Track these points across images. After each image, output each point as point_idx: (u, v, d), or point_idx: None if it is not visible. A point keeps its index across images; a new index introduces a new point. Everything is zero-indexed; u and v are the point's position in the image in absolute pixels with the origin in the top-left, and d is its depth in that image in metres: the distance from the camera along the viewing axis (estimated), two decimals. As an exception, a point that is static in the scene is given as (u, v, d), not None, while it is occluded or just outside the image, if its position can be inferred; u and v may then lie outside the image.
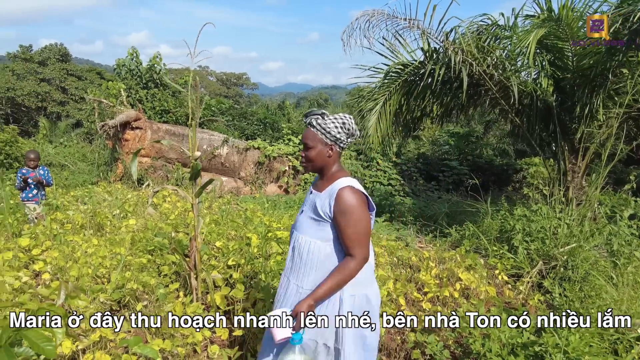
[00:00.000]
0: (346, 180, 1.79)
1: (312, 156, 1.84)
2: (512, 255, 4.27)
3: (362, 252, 1.74)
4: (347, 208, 1.73)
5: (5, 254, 3.45)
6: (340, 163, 1.90)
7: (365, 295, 1.83)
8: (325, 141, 1.83)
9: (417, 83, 6.12)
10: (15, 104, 22.93)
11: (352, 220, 1.72)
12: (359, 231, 1.73)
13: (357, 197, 1.75)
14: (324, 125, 1.81)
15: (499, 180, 12.21)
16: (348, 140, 1.87)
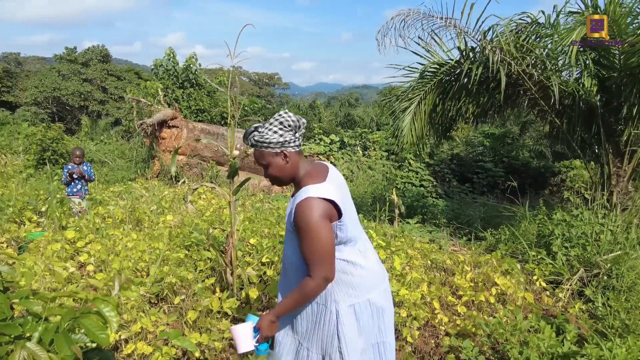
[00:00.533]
0: (307, 190, 1.62)
1: (273, 173, 1.72)
2: (550, 261, 4.13)
3: (320, 271, 1.58)
4: (303, 225, 1.57)
5: (54, 245, 3.64)
6: (305, 162, 1.74)
7: (368, 301, 1.72)
8: (274, 152, 1.68)
9: (453, 83, 6.02)
10: (60, 103, 24.09)
11: (308, 238, 1.57)
12: (316, 249, 1.57)
13: (315, 211, 1.56)
14: (263, 138, 1.66)
15: (536, 183, 11.80)
16: (297, 136, 1.69)
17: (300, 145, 1.72)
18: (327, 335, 1.69)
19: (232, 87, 3.18)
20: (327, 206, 1.59)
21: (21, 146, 11.83)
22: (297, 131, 1.69)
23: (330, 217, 1.60)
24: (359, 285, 1.70)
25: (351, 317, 1.68)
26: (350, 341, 1.66)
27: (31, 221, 5.02)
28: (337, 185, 1.71)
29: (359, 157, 10.91)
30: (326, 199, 1.59)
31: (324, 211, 1.58)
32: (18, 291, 1.45)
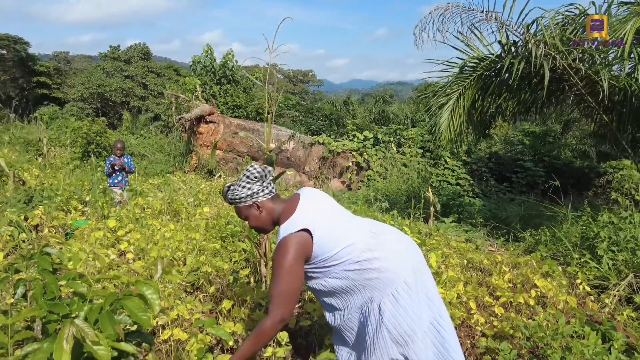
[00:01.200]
0: (279, 232, 1.73)
1: (254, 225, 1.85)
2: (595, 265, 3.93)
3: (278, 312, 1.64)
4: (275, 265, 1.67)
5: (97, 233, 3.80)
6: (279, 204, 1.83)
7: (404, 282, 1.71)
8: (247, 205, 1.80)
9: (493, 78, 5.83)
10: (104, 99, 25.14)
11: (276, 278, 1.66)
12: (280, 291, 1.65)
13: (288, 253, 1.65)
14: (235, 195, 1.81)
15: (579, 184, 11.26)
16: (265, 184, 1.81)
17: (272, 192, 1.83)
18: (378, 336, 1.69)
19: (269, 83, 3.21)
20: (298, 239, 1.66)
21: (68, 139, 12.44)
22: (264, 180, 1.81)
23: (305, 250, 1.68)
24: (388, 274, 1.70)
25: (392, 306, 1.68)
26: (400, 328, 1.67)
27: (76, 210, 5.26)
28: (310, 207, 1.76)
29: (393, 154, 10.76)
30: (295, 232, 1.66)
31: (296, 249, 1.65)
32: (65, 273, 1.52)
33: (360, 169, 10.60)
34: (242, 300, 2.77)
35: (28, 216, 4.61)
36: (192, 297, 2.79)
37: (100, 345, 1.06)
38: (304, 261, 1.69)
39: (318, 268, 1.74)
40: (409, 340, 1.68)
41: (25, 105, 25.78)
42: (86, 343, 1.05)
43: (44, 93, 26.18)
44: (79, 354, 1.13)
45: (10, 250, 3.83)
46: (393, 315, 1.68)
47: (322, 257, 1.70)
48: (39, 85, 26.17)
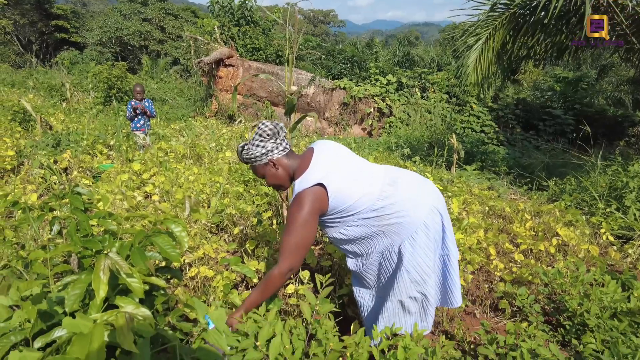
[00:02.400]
0: (295, 187, 1.71)
1: (272, 183, 1.83)
2: (621, 215, 3.85)
3: (287, 263, 1.66)
4: (289, 217, 1.67)
5: (123, 176, 3.90)
6: (294, 160, 1.81)
7: (424, 224, 1.74)
8: (263, 163, 1.78)
9: (527, 17, 5.46)
10: (122, 43, 24.84)
11: (289, 230, 1.66)
12: (291, 243, 1.65)
13: (303, 207, 1.65)
14: (249, 155, 1.78)
15: (611, 133, 10.82)
16: (278, 142, 1.78)
17: (286, 148, 1.80)
18: (398, 277, 1.76)
19: (289, 23, 3.07)
20: (313, 194, 1.66)
21: (90, 84, 12.50)
22: (277, 137, 1.77)
23: (320, 205, 1.68)
24: (407, 218, 1.72)
25: (411, 248, 1.73)
26: (420, 269, 1.74)
27: (102, 153, 5.38)
28: (323, 160, 1.74)
29: (417, 99, 10.46)
30: (309, 187, 1.66)
31: (311, 204, 1.65)
32: (96, 212, 1.57)
33: (382, 115, 10.39)
34: (266, 241, 2.86)
35: (57, 159, 4.75)
36: (217, 238, 2.89)
37: (134, 278, 1.11)
38: (318, 215, 1.70)
39: (336, 219, 1.77)
40: (427, 278, 1.76)
41: (45, 50, 25.79)
42: (121, 275, 1.10)
43: (63, 37, 26.02)
44: (113, 287, 1.19)
45: (43, 192, 3.98)
46: (413, 256, 1.72)
47: (338, 209, 1.71)
48: (58, 29, 25.96)
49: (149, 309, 1.29)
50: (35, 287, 1.23)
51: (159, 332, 1.13)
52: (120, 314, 0.97)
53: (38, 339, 1.08)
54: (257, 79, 10.40)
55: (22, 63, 21.98)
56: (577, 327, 2.28)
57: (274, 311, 1.68)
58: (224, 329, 1.38)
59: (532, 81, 15.32)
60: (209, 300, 2.21)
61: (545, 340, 2.15)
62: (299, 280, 2.32)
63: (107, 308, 1.15)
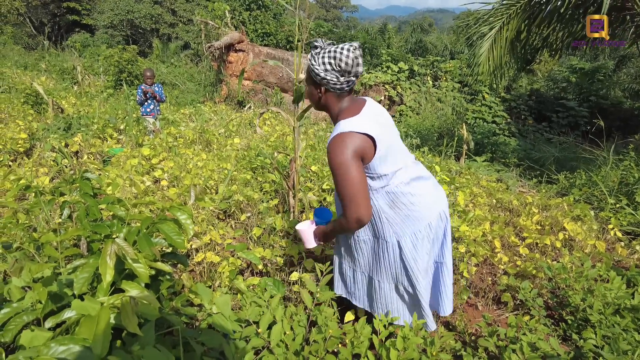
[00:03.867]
0: (338, 126, 1.56)
1: (306, 96, 1.67)
2: (631, 211, 3.81)
3: (351, 212, 1.56)
4: (333, 164, 1.53)
5: (132, 161, 3.95)
6: (344, 101, 1.64)
7: (429, 225, 1.71)
8: (314, 80, 1.61)
9: (543, 6, 5.35)
10: (133, 26, 24.82)
11: (338, 178, 1.53)
12: (347, 191, 1.53)
13: (345, 149, 1.50)
14: (312, 63, 1.58)
15: (626, 126, 10.62)
16: (342, 80, 1.57)
17: (342, 90, 1.61)
18: (394, 266, 1.75)
19: (300, 8, 3.04)
20: (359, 140, 1.52)
21: (101, 67, 12.56)
22: (346, 76, 1.57)
23: (362, 153, 1.54)
24: (416, 213, 1.68)
25: (412, 245, 1.71)
26: (415, 266, 1.71)
27: (112, 137, 5.44)
28: (374, 118, 1.62)
29: (428, 87, 10.34)
30: (358, 132, 1.52)
31: (355, 148, 1.51)
32: (105, 197, 1.60)
33: (393, 103, 10.31)
34: (272, 228, 2.89)
35: (68, 143, 4.82)
36: (224, 224, 2.92)
37: (140, 263, 1.14)
38: (360, 160, 1.56)
39: None
40: (420, 277, 1.74)
41: (57, 33, 25.87)
42: (127, 260, 1.13)
43: (74, 20, 26.06)
44: (120, 271, 1.23)
45: (54, 175, 4.05)
46: (411, 253, 1.71)
47: (375, 171, 1.61)
48: (70, 11, 25.99)
49: (155, 293, 1.33)
50: (47, 269, 1.27)
51: (164, 316, 1.16)
52: (126, 297, 1.00)
53: (49, 319, 1.12)
54: (267, 65, 10.35)
55: (35, 45, 22.10)
56: (579, 322, 2.29)
57: (277, 297, 1.71)
58: (228, 313, 1.42)
59: (547, 71, 15.04)
60: (215, 285, 2.25)
61: (546, 334, 2.16)
62: (304, 269, 2.35)
63: (114, 292, 1.19)
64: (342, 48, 1.52)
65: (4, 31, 20.88)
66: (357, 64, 1.54)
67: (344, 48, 1.52)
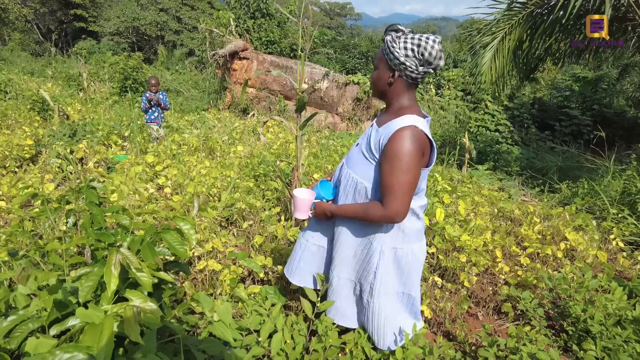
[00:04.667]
0: (410, 119, 1.48)
1: (373, 78, 1.60)
2: (634, 221, 3.81)
3: (395, 205, 1.47)
4: (398, 153, 1.44)
5: (136, 168, 3.98)
6: (411, 96, 1.57)
7: (412, 251, 1.69)
8: (389, 64, 1.52)
9: (545, 17, 5.38)
10: (139, 33, 25.11)
11: (398, 168, 1.45)
12: (402, 183, 1.45)
13: (416, 143, 1.45)
14: (392, 45, 1.49)
15: (629, 135, 10.61)
16: (420, 69, 1.50)
17: (416, 80, 1.55)
18: (365, 269, 1.71)
19: (303, 18, 3.09)
20: (425, 144, 1.49)
21: (106, 74, 12.69)
22: (425, 66, 1.50)
23: (423, 155, 1.50)
24: (409, 234, 1.67)
25: (392, 260, 1.68)
26: (384, 281, 1.68)
27: (116, 144, 5.49)
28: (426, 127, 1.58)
29: (431, 96, 10.38)
30: (426, 135, 1.49)
31: (422, 147, 1.47)
32: (110, 206, 1.63)
33: (395, 112, 10.33)
34: (273, 236, 2.91)
35: (73, 149, 4.87)
36: (226, 232, 2.95)
37: (143, 272, 1.16)
38: (422, 159, 1.50)
39: None
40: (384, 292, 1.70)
41: (64, 39, 26.19)
42: (131, 270, 1.16)
43: (81, 26, 26.39)
44: (124, 280, 1.25)
45: (60, 181, 4.10)
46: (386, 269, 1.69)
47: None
48: (76, 18, 26.32)
49: (157, 301, 1.35)
50: (52, 277, 1.30)
51: (165, 324, 1.18)
52: (129, 306, 1.03)
53: (54, 326, 1.14)
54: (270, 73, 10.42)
55: (42, 51, 22.37)
56: (580, 333, 2.29)
57: (278, 306, 1.73)
58: (229, 321, 1.44)
59: (550, 80, 15.06)
60: (216, 293, 2.27)
61: (546, 345, 2.16)
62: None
63: (117, 300, 1.21)
64: (428, 38, 1.47)
65: (12, 38, 21.17)
66: (439, 57, 1.48)
67: (430, 38, 1.47)
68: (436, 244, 2.87)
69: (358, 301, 1.78)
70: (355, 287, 1.77)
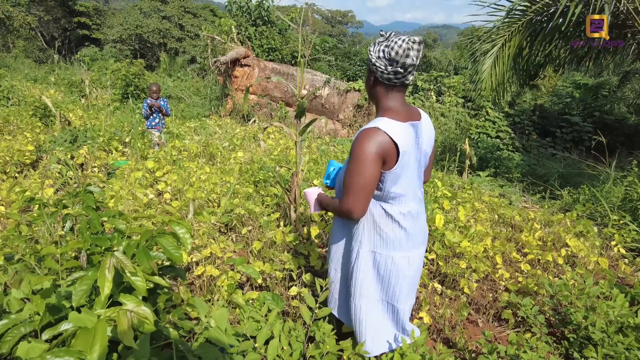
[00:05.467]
0: (378, 121, 1.51)
1: (366, 86, 1.66)
2: (635, 227, 3.79)
3: (348, 202, 1.53)
4: (354, 153, 1.50)
5: (136, 173, 3.99)
6: (394, 99, 1.58)
7: (392, 259, 1.66)
8: (370, 68, 1.57)
9: (544, 24, 5.40)
10: (141, 40, 25.31)
11: (353, 168, 1.50)
12: (354, 182, 1.51)
13: (374, 146, 1.46)
14: (371, 48, 1.56)
15: (630, 142, 10.59)
16: (389, 69, 1.50)
17: (392, 82, 1.55)
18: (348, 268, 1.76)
19: (304, 25, 3.10)
20: (386, 143, 1.48)
21: (108, 81, 12.76)
22: (394, 66, 1.50)
23: (385, 156, 1.50)
24: (387, 241, 1.65)
25: (370, 263, 1.68)
26: (360, 283, 1.68)
27: (117, 150, 5.50)
28: (414, 136, 1.58)
29: (432, 102, 10.40)
30: (388, 135, 1.48)
31: (381, 147, 1.48)
32: (107, 211, 1.63)
33: (396, 119, 10.34)
34: (272, 242, 2.90)
35: (74, 155, 4.88)
36: (225, 237, 2.94)
37: (138, 276, 1.15)
38: (381, 161, 1.52)
39: None
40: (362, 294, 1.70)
41: (67, 47, 26.40)
42: (125, 274, 1.15)
43: (84, 34, 26.62)
44: (118, 284, 1.24)
45: (59, 187, 4.10)
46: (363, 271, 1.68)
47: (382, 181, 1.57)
48: (80, 25, 26.57)
49: (152, 306, 1.34)
50: (46, 281, 1.29)
51: (160, 329, 1.17)
52: (122, 311, 1.02)
53: (46, 331, 1.13)
54: (271, 80, 10.47)
55: (45, 59, 22.54)
56: (581, 340, 2.26)
57: (275, 312, 1.72)
58: (226, 327, 1.42)
59: (551, 87, 15.08)
60: (213, 299, 2.26)
61: (547, 352, 2.14)
62: (302, 283, 2.35)
63: (112, 304, 1.20)
64: (399, 38, 1.50)
65: (16, 45, 21.33)
66: (405, 55, 1.47)
67: (400, 38, 1.49)
68: (436, 250, 2.86)
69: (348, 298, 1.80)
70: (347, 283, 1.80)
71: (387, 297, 1.72)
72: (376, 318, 1.73)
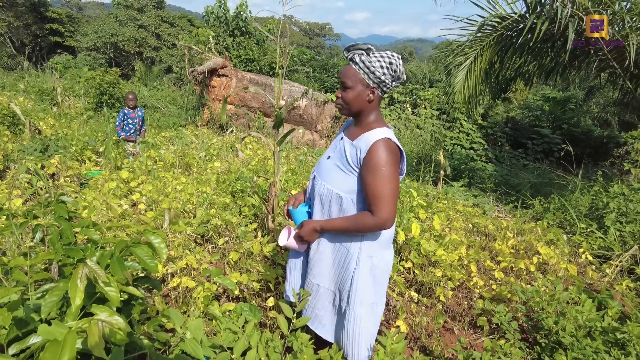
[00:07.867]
0: (383, 132, 1.59)
1: (349, 98, 1.63)
2: (601, 235, 3.94)
3: (385, 212, 1.55)
4: (379, 164, 1.54)
5: (110, 184, 3.90)
6: (379, 110, 1.70)
7: (384, 258, 1.75)
8: (367, 82, 1.60)
9: (514, 39, 5.62)
10: (117, 49, 24.88)
11: (382, 177, 1.54)
12: (387, 191, 1.54)
13: (392, 153, 1.56)
14: (369, 64, 1.58)
15: (596, 153, 11.05)
16: (392, 84, 1.64)
17: (384, 93, 1.67)
18: (343, 277, 1.74)
19: (282, 37, 3.14)
20: (398, 153, 1.61)
21: (82, 89, 12.46)
22: (396, 81, 1.64)
23: (399, 164, 1.63)
24: (382, 241, 1.73)
25: (368, 268, 1.71)
26: (360, 290, 1.70)
27: (90, 160, 5.37)
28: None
29: (407, 114, 10.60)
30: (398, 146, 1.61)
31: (396, 157, 1.59)
32: (80, 221, 1.59)
33: (373, 130, 10.49)
34: (249, 252, 2.87)
35: (45, 165, 4.73)
36: (201, 248, 2.90)
37: (111, 286, 1.13)
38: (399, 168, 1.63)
39: None
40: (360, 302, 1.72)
41: (38, 53, 25.69)
42: (98, 284, 1.12)
43: (57, 41, 25.98)
44: (91, 295, 1.21)
45: (29, 197, 3.96)
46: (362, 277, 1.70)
47: None
48: (52, 32, 25.93)
49: (126, 317, 1.31)
50: (13, 294, 1.24)
51: (134, 340, 1.15)
52: (93, 321, 0.99)
53: (13, 345, 1.09)
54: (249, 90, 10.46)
55: (14, 65, 21.86)
56: (552, 345, 2.32)
57: (252, 323, 1.70)
58: (201, 338, 1.40)
59: (522, 99, 15.62)
60: (190, 310, 2.22)
61: (520, 357, 2.19)
62: (279, 294, 2.34)
63: (84, 316, 1.17)
64: (393, 55, 1.60)
65: (-17, 51, 20.63)
66: (403, 72, 1.63)
67: (395, 56, 1.60)
68: (412, 258, 2.90)
69: (337, 312, 1.79)
70: (335, 297, 1.79)
71: (377, 297, 1.77)
72: (370, 324, 1.76)
